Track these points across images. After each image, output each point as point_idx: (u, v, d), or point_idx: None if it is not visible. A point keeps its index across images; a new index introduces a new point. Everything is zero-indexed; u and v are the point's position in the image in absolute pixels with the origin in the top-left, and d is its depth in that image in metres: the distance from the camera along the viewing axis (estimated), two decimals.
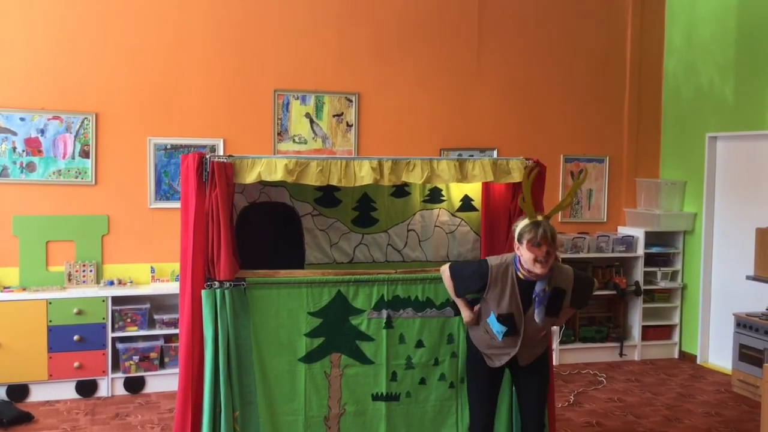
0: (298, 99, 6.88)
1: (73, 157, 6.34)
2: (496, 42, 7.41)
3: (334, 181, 4.05)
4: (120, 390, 6.13)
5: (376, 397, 4.23)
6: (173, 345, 6.17)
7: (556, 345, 7.04)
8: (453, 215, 4.82)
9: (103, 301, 6.04)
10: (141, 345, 6.16)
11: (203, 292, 3.91)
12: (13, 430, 5.33)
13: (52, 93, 6.26)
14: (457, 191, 4.79)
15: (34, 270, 6.19)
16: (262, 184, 4.32)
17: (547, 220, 3.69)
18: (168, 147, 6.55)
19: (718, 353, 7.23)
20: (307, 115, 6.90)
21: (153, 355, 6.16)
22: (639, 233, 7.50)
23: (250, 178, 3.95)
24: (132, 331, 6.13)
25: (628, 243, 7.50)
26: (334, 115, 6.98)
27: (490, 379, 3.98)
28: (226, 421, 3.88)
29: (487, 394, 4.00)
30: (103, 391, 6.08)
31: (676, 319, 7.64)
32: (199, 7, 6.59)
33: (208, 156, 3.91)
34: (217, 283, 3.91)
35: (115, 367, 6.12)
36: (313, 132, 6.91)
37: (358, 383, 4.19)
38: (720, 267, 7.29)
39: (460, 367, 4.33)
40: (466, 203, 4.82)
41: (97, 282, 6.30)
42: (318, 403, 4.14)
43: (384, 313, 4.22)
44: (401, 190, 4.75)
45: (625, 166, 7.84)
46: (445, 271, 3.98)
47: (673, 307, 7.65)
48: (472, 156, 4.25)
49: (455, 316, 4.30)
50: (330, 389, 4.15)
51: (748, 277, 6.46)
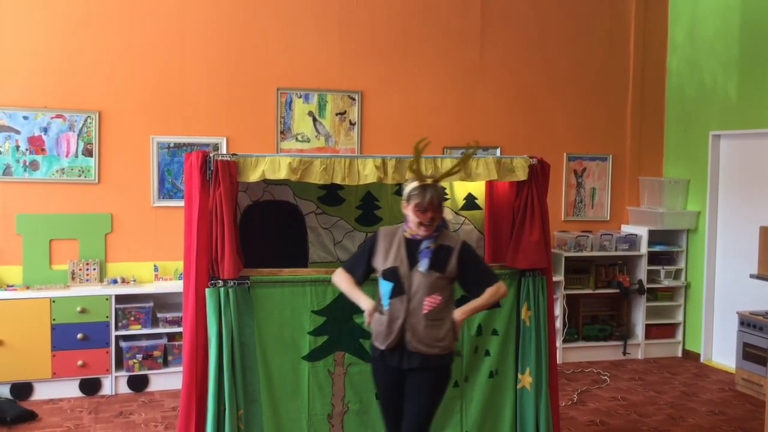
0: (301, 97, 6.88)
1: (76, 156, 6.34)
2: (499, 40, 7.41)
3: (338, 180, 4.05)
4: (123, 388, 6.14)
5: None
6: (177, 343, 6.18)
7: (559, 343, 7.04)
8: (457, 214, 4.81)
9: (107, 299, 6.04)
10: (144, 343, 6.16)
11: (207, 290, 3.91)
12: (17, 429, 5.34)
13: (55, 91, 6.27)
14: (460, 189, 4.79)
15: (37, 268, 6.20)
16: (266, 182, 4.32)
17: (435, 184, 3.69)
18: (171, 145, 6.55)
19: (722, 352, 7.22)
20: (310, 113, 6.90)
21: (156, 353, 6.16)
22: (642, 232, 7.49)
23: (254, 177, 3.95)
24: (135, 330, 6.14)
25: (632, 241, 7.49)
26: (337, 114, 6.97)
27: (387, 380, 3.77)
28: (230, 419, 3.88)
29: (389, 396, 3.79)
30: (106, 389, 6.09)
31: (680, 318, 7.63)
32: (202, 5, 6.59)
33: (211, 154, 3.91)
34: (220, 281, 3.91)
35: (119, 365, 6.13)
36: (316, 130, 6.91)
37: (361, 381, 4.18)
38: (723, 265, 7.28)
39: (464, 365, 4.32)
40: (470, 202, 4.82)
41: (101, 280, 6.31)
42: (321, 402, 4.14)
43: None
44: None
45: (628, 165, 7.83)
46: (337, 273, 3.87)
47: (676, 306, 7.64)
48: (476, 155, 4.21)
49: None
50: (334, 387, 4.15)
51: (752, 276, 6.42)
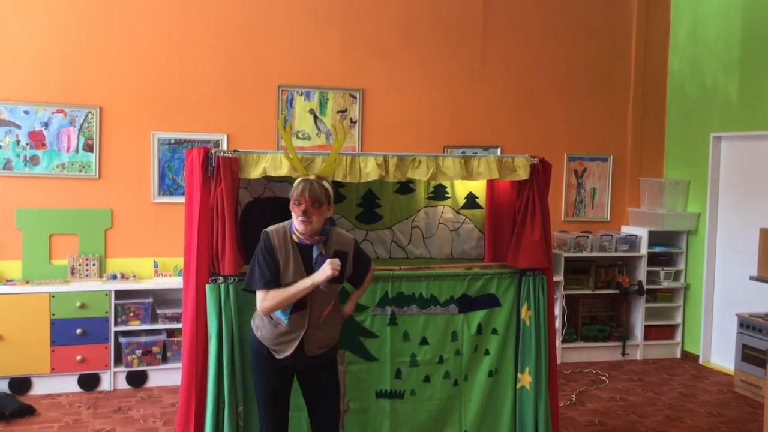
0: (302, 95, 6.87)
1: (76, 151, 6.33)
2: (500, 40, 7.40)
3: (339, 177, 4.04)
4: (122, 384, 6.13)
5: (380, 395, 4.22)
6: (176, 339, 6.17)
7: (558, 344, 7.03)
8: (457, 212, 4.82)
9: (106, 295, 6.03)
10: (144, 339, 6.15)
11: (207, 286, 3.90)
12: (16, 423, 5.33)
13: (56, 86, 6.26)
14: (461, 188, 4.79)
15: (37, 263, 6.19)
16: (267, 179, 4.31)
17: (318, 179, 3.53)
18: (172, 141, 6.55)
19: (721, 353, 7.22)
20: (311, 111, 6.89)
21: (156, 349, 6.16)
22: (642, 233, 7.49)
23: (255, 174, 3.94)
24: (135, 326, 6.13)
25: (632, 242, 7.49)
26: (338, 112, 6.97)
27: (280, 382, 3.64)
28: (229, 416, 3.87)
29: (278, 398, 3.64)
30: (105, 384, 6.09)
31: (679, 319, 7.63)
32: (203, 1, 6.58)
33: (213, 151, 3.90)
34: (221, 278, 3.91)
35: (118, 361, 6.13)
36: (317, 128, 6.90)
37: (362, 380, 4.19)
38: (723, 267, 7.28)
39: (464, 364, 4.32)
40: (471, 201, 4.82)
41: (100, 276, 6.30)
42: None
43: (388, 310, 4.22)
44: (406, 187, 4.75)
45: (628, 166, 7.82)
46: (267, 298, 3.47)
47: (675, 307, 7.64)
48: (476, 154, 4.23)
49: (459, 314, 4.30)
50: None
51: (752, 278, 6.44)
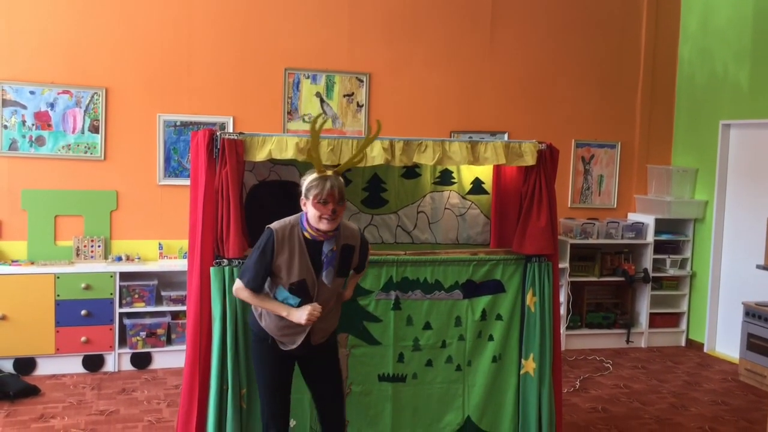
0: (308, 78, 6.84)
1: (82, 132, 6.32)
2: (508, 25, 7.34)
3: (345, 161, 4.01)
4: (127, 365, 6.16)
5: (382, 378, 4.22)
6: (180, 321, 6.18)
7: (563, 330, 7.02)
8: (463, 198, 4.79)
9: (111, 276, 6.04)
10: (148, 321, 6.17)
11: (212, 269, 3.89)
12: (20, 403, 5.36)
13: (62, 67, 6.24)
14: (468, 174, 4.76)
15: (42, 244, 6.20)
16: (272, 162, 4.29)
17: (336, 175, 3.43)
18: (177, 124, 6.53)
19: (726, 342, 7.20)
20: (318, 94, 6.86)
21: (160, 331, 6.17)
22: (649, 220, 7.46)
23: (261, 156, 3.91)
24: (139, 307, 6.15)
25: (638, 230, 7.45)
26: (345, 95, 6.93)
27: (283, 368, 3.62)
28: (232, 398, 3.88)
29: (281, 384, 3.63)
30: (109, 366, 6.11)
31: (684, 307, 7.61)
32: None
33: (218, 133, 3.88)
34: (225, 260, 3.90)
35: (122, 342, 6.15)
36: (324, 111, 6.87)
37: (364, 363, 4.18)
38: (730, 256, 7.25)
39: (468, 350, 4.31)
40: (477, 186, 4.79)
41: (105, 257, 6.31)
42: None
43: (392, 294, 4.21)
44: (412, 172, 4.72)
45: (636, 153, 7.78)
46: (238, 287, 3.52)
47: (681, 295, 7.62)
48: (483, 139, 4.20)
49: (464, 299, 4.29)
50: None
51: (758, 267, 6.42)
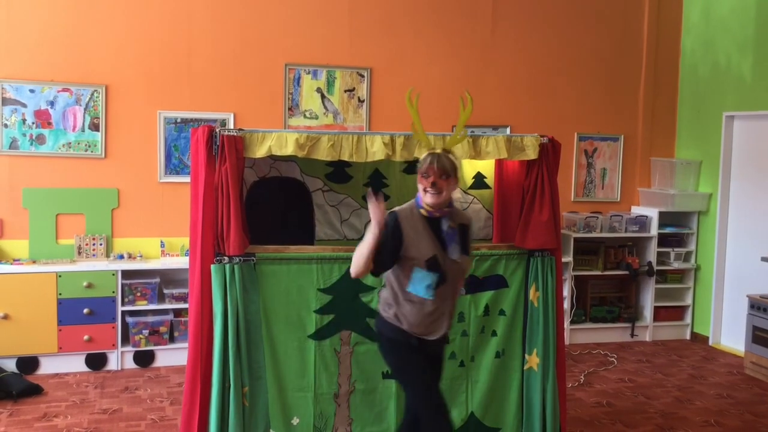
0: (309, 74, 6.80)
1: (83, 130, 6.30)
2: (510, 18, 7.30)
3: (346, 157, 3.99)
4: (129, 363, 6.14)
5: (386, 375, 4.19)
6: (183, 319, 6.17)
7: (567, 325, 7.00)
8: (465, 192, 4.76)
9: (113, 274, 6.03)
10: (151, 319, 6.15)
11: (213, 266, 3.88)
12: (23, 402, 5.35)
13: (61, 65, 6.21)
14: (469, 168, 4.74)
15: (44, 243, 6.19)
16: (273, 158, 4.27)
17: (446, 152, 3.57)
18: (178, 120, 6.51)
19: (731, 335, 7.17)
20: (319, 90, 6.83)
21: (163, 329, 6.16)
22: (653, 213, 7.42)
23: (261, 152, 3.90)
24: (142, 305, 6.13)
25: (642, 223, 7.42)
26: (346, 91, 6.90)
27: (426, 361, 3.63)
28: (235, 396, 3.87)
29: (432, 378, 3.66)
30: (112, 364, 6.10)
31: (689, 300, 7.58)
32: None
33: (218, 129, 3.86)
34: (226, 258, 3.88)
35: (125, 340, 6.13)
36: (324, 107, 6.84)
37: (368, 361, 4.15)
38: (734, 248, 7.21)
39: (471, 345, 4.29)
40: (479, 180, 4.77)
41: (107, 256, 6.30)
42: (328, 381, 4.11)
43: None
44: (413, 167, 4.67)
45: (639, 145, 7.74)
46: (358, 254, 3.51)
47: (685, 288, 7.59)
48: (485, 133, 4.18)
49: (466, 295, 4.26)
50: (340, 366, 4.12)
51: (763, 259, 6.39)
